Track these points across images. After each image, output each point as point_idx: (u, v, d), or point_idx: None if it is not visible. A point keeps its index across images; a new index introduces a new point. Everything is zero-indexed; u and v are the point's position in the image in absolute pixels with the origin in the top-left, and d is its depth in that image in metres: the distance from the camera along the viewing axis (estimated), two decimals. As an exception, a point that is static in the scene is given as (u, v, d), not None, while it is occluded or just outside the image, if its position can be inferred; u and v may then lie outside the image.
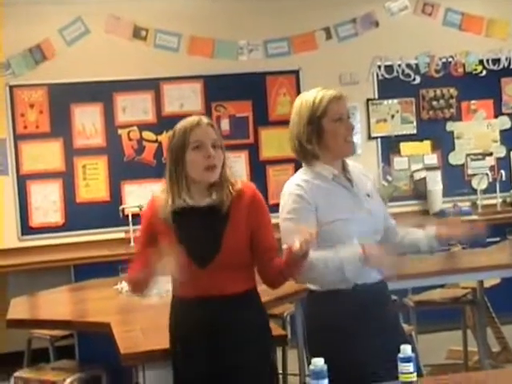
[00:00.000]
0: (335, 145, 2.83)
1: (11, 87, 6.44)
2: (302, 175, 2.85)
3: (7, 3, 6.03)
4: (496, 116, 7.32)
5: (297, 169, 6.58)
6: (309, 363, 2.27)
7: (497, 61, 7.26)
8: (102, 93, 6.59)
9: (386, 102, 7.15)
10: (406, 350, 2.30)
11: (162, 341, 3.04)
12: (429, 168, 7.13)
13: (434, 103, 7.21)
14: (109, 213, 6.53)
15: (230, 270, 2.68)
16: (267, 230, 2.75)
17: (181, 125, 2.73)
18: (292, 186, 2.81)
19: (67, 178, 6.54)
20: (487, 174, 7.17)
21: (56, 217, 6.52)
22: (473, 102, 7.27)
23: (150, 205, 2.81)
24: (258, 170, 6.87)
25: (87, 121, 6.58)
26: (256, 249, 2.72)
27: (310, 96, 2.89)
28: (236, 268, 2.70)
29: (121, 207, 6.51)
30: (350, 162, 2.95)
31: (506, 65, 7.27)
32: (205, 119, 2.74)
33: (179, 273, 2.54)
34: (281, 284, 2.78)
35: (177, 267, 2.52)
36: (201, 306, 2.69)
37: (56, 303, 4.32)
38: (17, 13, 6.31)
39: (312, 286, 2.83)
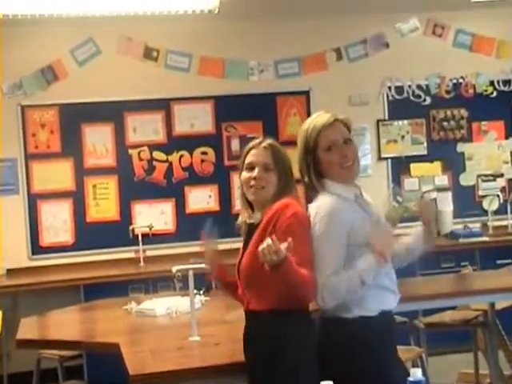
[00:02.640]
0: (332, 173, 2.82)
1: (23, 107, 6.48)
2: (327, 198, 2.78)
3: (19, 23, 6.07)
4: (507, 137, 7.30)
5: (306, 190, 6.50)
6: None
7: (507, 82, 7.25)
8: (112, 113, 6.62)
9: (396, 122, 7.14)
10: (416, 373, 2.28)
11: (171, 362, 3.04)
12: (439, 189, 7.11)
13: (445, 124, 7.20)
14: (119, 232, 6.53)
15: (254, 287, 2.77)
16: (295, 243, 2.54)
17: (246, 146, 2.94)
18: (326, 209, 2.73)
19: (77, 198, 6.55)
20: (498, 195, 7.14)
21: (66, 236, 6.52)
22: (483, 123, 7.26)
23: None
24: (268, 190, 6.85)
25: (98, 141, 6.60)
26: None
27: (306, 125, 2.86)
28: (260, 285, 2.73)
29: (131, 227, 6.52)
30: None
31: (516, 86, 7.27)
32: (265, 142, 2.89)
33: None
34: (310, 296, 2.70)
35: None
36: (246, 318, 2.88)
37: (65, 323, 4.31)
38: (28, 33, 6.36)
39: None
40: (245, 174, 2.86)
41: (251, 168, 2.85)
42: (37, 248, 6.47)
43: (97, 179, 6.59)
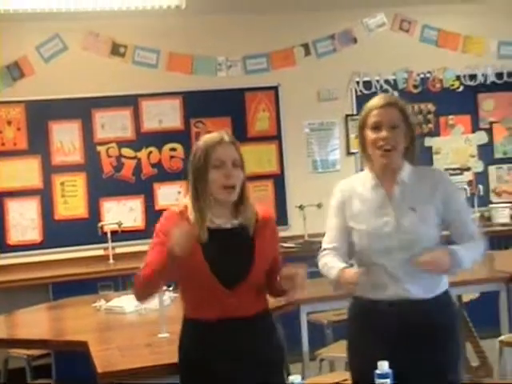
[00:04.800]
0: (372, 154, 2.88)
1: (-11, 104, 6.41)
2: (352, 178, 3.03)
3: (-16, 20, 6.01)
4: (473, 131, 7.38)
5: (276, 185, 6.64)
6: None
7: (473, 76, 7.33)
8: (80, 110, 6.56)
9: (364, 117, 7.16)
10: (383, 365, 2.31)
11: (140, 359, 3.03)
12: (408, 183, 7.14)
13: (413, 118, 7.25)
14: (87, 230, 6.49)
15: (254, 291, 2.72)
16: (278, 251, 2.89)
17: (203, 142, 2.72)
18: (338, 187, 2.99)
19: (45, 195, 6.49)
20: (465, 189, 7.19)
21: (34, 234, 6.47)
22: (450, 117, 7.33)
23: (169, 219, 2.74)
24: (238, 186, 6.85)
25: (65, 138, 6.54)
26: (271, 268, 2.79)
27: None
28: (258, 289, 2.75)
29: (99, 224, 6.47)
30: (416, 169, 2.91)
31: (482, 80, 7.33)
32: (227, 137, 2.72)
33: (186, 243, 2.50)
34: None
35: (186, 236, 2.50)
36: (226, 327, 2.67)
37: (33, 322, 4.27)
38: (-6, 30, 6.30)
39: None
40: (215, 174, 2.66)
41: (218, 166, 2.66)
42: (4, 246, 6.40)
43: (65, 176, 6.54)
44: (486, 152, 7.40)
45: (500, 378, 4.43)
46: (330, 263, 2.86)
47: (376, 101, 2.89)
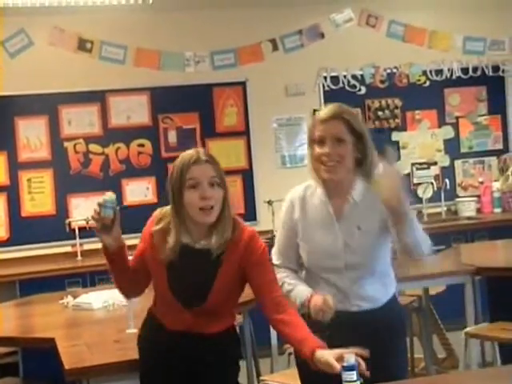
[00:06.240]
0: (318, 169, 2.76)
1: (-47, 100, 6.33)
2: (305, 186, 2.87)
3: None
4: (440, 126, 7.45)
5: (244, 181, 6.65)
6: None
7: (439, 72, 7.40)
8: (46, 105, 6.51)
9: (332, 112, 7.19)
10: (349, 358, 2.33)
11: (107, 355, 3.02)
12: (375, 177, 7.19)
13: (380, 113, 7.31)
14: (55, 227, 6.44)
15: (214, 313, 2.65)
16: (262, 268, 2.63)
17: (178, 161, 2.61)
18: (289, 197, 2.88)
19: (12, 192, 6.43)
20: (432, 183, 7.28)
21: (1, 232, 6.40)
22: (417, 112, 7.39)
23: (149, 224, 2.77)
24: (206, 181, 6.85)
25: (32, 134, 6.49)
26: (251, 285, 2.66)
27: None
28: (220, 310, 2.68)
29: (67, 221, 6.43)
30: (370, 186, 2.78)
31: (448, 75, 7.41)
32: (203, 156, 2.59)
33: None
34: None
35: None
36: (186, 340, 2.64)
37: (0, 319, 4.23)
38: (-42, 25, 6.21)
39: None
40: (191, 195, 2.56)
41: (194, 186, 2.55)
42: (-30, 244, 6.34)
43: (31, 173, 6.49)
44: (452, 146, 7.48)
45: (465, 369, 4.49)
46: (290, 285, 2.82)
47: (320, 114, 2.78)
